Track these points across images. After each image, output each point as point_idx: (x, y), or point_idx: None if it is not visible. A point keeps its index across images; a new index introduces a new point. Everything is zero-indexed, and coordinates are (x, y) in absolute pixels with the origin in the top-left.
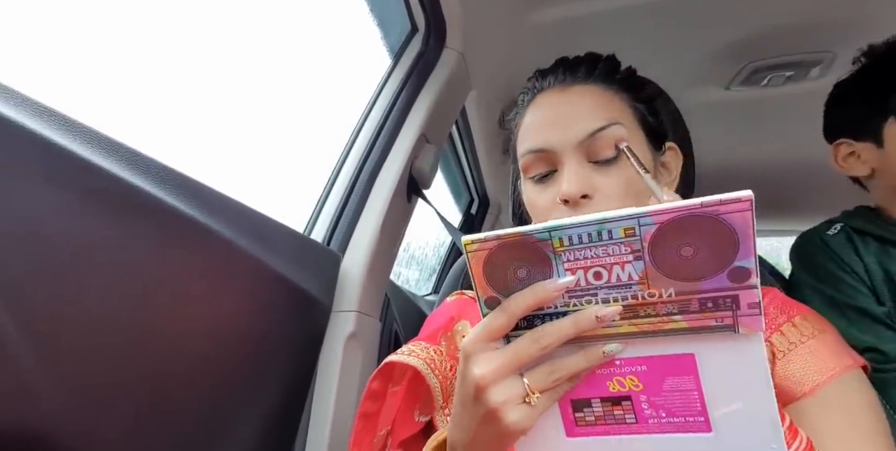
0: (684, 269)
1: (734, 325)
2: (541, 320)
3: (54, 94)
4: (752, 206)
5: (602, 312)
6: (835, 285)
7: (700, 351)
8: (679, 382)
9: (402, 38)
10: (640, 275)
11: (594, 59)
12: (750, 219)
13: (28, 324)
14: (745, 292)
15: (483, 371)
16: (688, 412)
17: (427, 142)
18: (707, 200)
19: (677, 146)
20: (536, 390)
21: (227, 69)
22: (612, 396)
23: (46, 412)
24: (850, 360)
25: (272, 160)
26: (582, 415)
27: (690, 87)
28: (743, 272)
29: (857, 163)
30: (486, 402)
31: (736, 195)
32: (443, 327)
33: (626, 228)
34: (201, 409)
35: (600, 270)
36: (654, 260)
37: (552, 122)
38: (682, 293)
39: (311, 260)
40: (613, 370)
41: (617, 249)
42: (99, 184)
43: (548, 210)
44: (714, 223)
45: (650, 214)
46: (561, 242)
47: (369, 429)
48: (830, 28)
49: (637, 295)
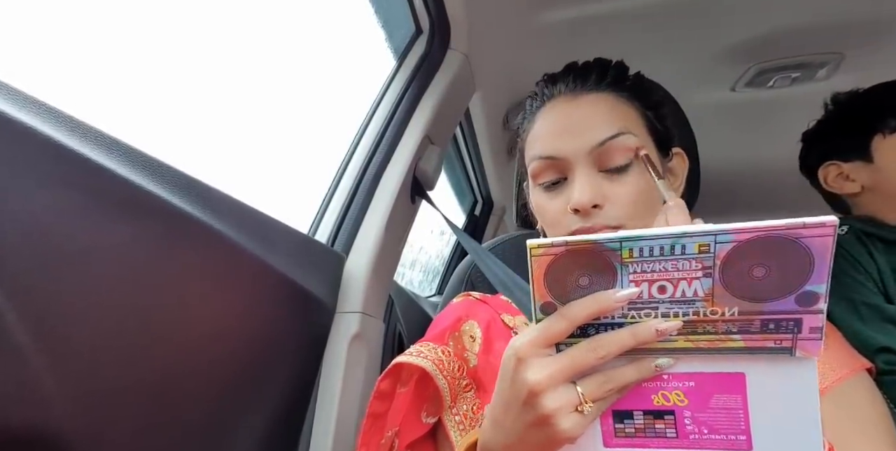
0: (753, 289)
1: (792, 347)
2: (595, 329)
3: (61, 95)
4: (836, 232)
5: (662, 326)
6: (849, 283)
7: (751, 371)
8: (726, 400)
9: (406, 39)
10: (707, 292)
11: (604, 66)
12: (830, 245)
13: (35, 325)
14: (810, 317)
15: (538, 377)
16: (730, 431)
17: (431, 143)
18: (791, 223)
19: (683, 151)
20: (589, 399)
21: (232, 70)
22: (655, 409)
23: (53, 413)
24: (857, 363)
25: (277, 161)
26: (622, 426)
27: (696, 88)
28: (812, 297)
29: (847, 182)
30: (539, 407)
31: (820, 220)
32: (450, 327)
33: (702, 244)
34: (206, 409)
35: (665, 284)
36: (724, 278)
37: (563, 129)
38: (746, 313)
39: (314, 261)
40: (660, 384)
41: (688, 264)
42: (105, 185)
43: (558, 217)
44: (792, 246)
45: (729, 232)
46: (630, 253)
47: (378, 429)
48: (838, 29)
49: (699, 312)
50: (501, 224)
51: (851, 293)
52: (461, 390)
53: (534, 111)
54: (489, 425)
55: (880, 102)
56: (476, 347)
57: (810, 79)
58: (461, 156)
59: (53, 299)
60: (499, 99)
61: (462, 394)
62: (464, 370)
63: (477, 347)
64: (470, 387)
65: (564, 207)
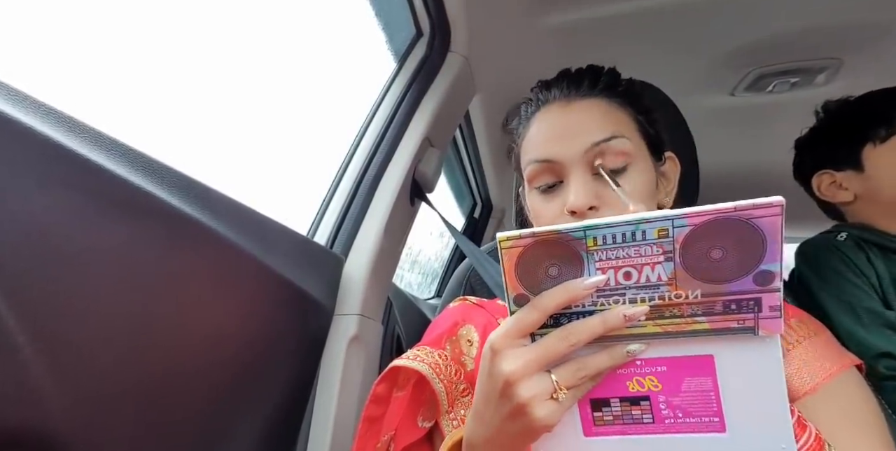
0: (712, 271)
1: (755, 327)
2: (567, 318)
3: (61, 96)
4: (783, 211)
5: (630, 311)
6: (849, 288)
7: (719, 352)
8: (697, 382)
9: (406, 42)
10: (669, 276)
11: (597, 73)
12: (779, 224)
13: (34, 325)
14: (768, 295)
15: (512, 367)
16: (704, 413)
17: (431, 146)
18: (741, 204)
19: (675, 155)
20: (564, 386)
21: (233, 72)
22: (631, 396)
23: (52, 414)
24: (847, 359)
25: (276, 163)
26: (600, 415)
27: (695, 92)
28: (768, 276)
29: (840, 191)
30: (514, 397)
31: (768, 200)
32: (447, 331)
33: (661, 228)
34: (203, 410)
35: (630, 270)
36: (685, 262)
37: (558, 134)
38: (708, 295)
39: (314, 263)
40: (634, 370)
41: (649, 249)
42: (104, 186)
43: (554, 220)
44: (745, 227)
45: (684, 216)
46: (595, 241)
47: (373, 433)
48: (837, 34)
49: (664, 296)
50: (501, 227)
51: (851, 298)
52: (459, 394)
53: (528, 116)
54: (471, 420)
55: (870, 110)
56: (473, 351)
57: (809, 84)
58: (461, 158)
59: (52, 300)
60: (499, 102)
61: (460, 399)
62: (461, 375)
63: (474, 351)
64: (467, 391)
65: (561, 209)
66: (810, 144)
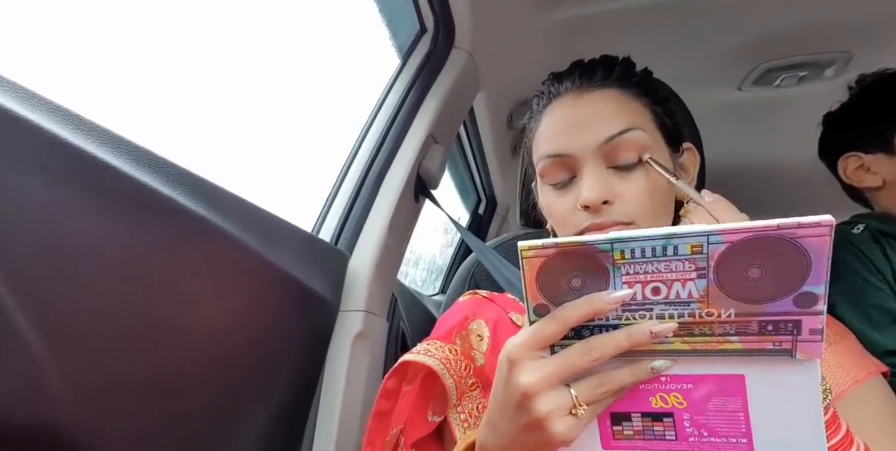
0: (749, 290)
1: (792, 350)
2: (589, 331)
3: (67, 93)
4: (832, 231)
5: (657, 328)
6: (859, 285)
7: (751, 373)
8: (726, 402)
9: (410, 38)
10: (702, 293)
11: (610, 63)
12: (828, 244)
13: (40, 320)
14: (810, 318)
15: (530, 380)
16: (731, 433)
17: (435, 142)
18: (784, 223)
19: (694, 146)
20: (583, 401)
21: (236, 69)
22: (653, 411)
23: (62, 409)
24: (873, 366)
25: (281, 160)
26: (620, 429)
27: (702, 87)
28: (810, 298)
29: (868, 175)
30: (532, 411)
31: (817, 220)
32: (457, 325)
33: (694, 244)
34: (210, 406)
35: (659, 285)
36: (719, 279)
37: (570, 127)
38: (743, 315)
39: (318, 259)
40: (658, 386)
41: (681, 265)
42: (110, 182)
43: (567, 215)
44: (788, 246)
45: (721, 233)
46: (622, 254)
47: (383, 427)
48: (846, 27)
49: (695, 313)
50: (505, 223)
51: (861, 295)
52: (467, 388)
53: (540, 110)
54: (485, 426)
55: None
56: (483, 346)
57: (818, 78)
58: (465, 155)
59: (59, 296)
60: (503, 98)
61: (468, 393)
62: (471, 369)
63: (484, 346)
64: (476, 386)
65: (574, 204)
66: (839, 122)
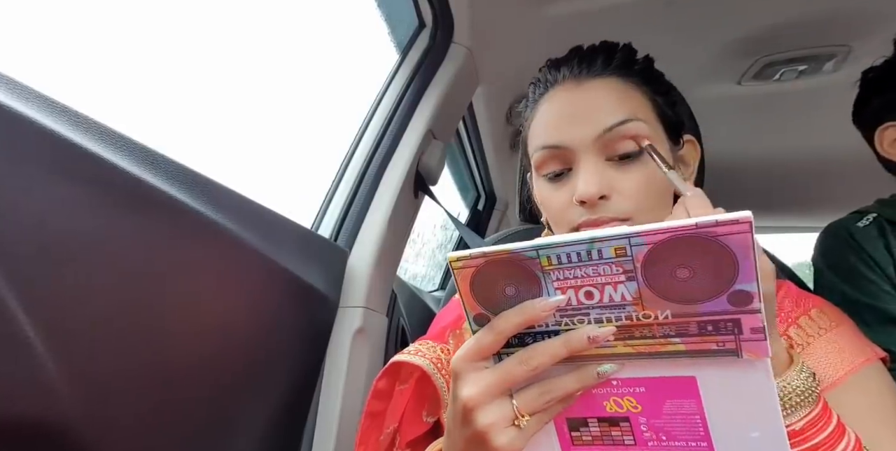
0: (680, 291)
1: (737, 350)
2: (532, 338)
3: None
4: (752, 228)
5: (594, 332)
6: (856, 283)
7: (702, 374)
8: (680, 405)
9: (409, 33)
10: (634, 296)
11: (611, 49)
12: (750, 241)
13: (41, 316)
14: (748, 317)
15: (471, 392)
16: (690, 437)
17: (434, 138)
18: (702, 221)
19: (695, 139)
20: (526, 412)
21: (235, 64)
22: (609, 416)
23: (65, 406)
24: (871, 352)
25: (280, 156)
26: (578, 434)
27: (701, 82)
28: (744, 296)
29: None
30: (473, 424)
31: (734, 216)
32: (451, 325)
33: (617, 247)
34: (210, 402)
35: (591, 289)
36: (648, 281)
37: (567, 117)
38: (680, 316)
39: (318, 256)
40: (610, 391)
41: (608, 268)
42: (109, 178)
43: (563, 210)
44: (710, 245)
45: (641, 234)
46: (549, 260)
47: (376, 427)
48: (846, 21)
49: (632, 316)
50: (504, 219)
51: (857, 294)
52: None
53: (536, 99)
54: (446, 436)
55: None
56: None
57: (817, 72)
58: (464, 151)
59: (59, 291)
60: (502, 93)
61: None
62: None
63: None
64: None
65: (569, 199)
66: (881, 82)
